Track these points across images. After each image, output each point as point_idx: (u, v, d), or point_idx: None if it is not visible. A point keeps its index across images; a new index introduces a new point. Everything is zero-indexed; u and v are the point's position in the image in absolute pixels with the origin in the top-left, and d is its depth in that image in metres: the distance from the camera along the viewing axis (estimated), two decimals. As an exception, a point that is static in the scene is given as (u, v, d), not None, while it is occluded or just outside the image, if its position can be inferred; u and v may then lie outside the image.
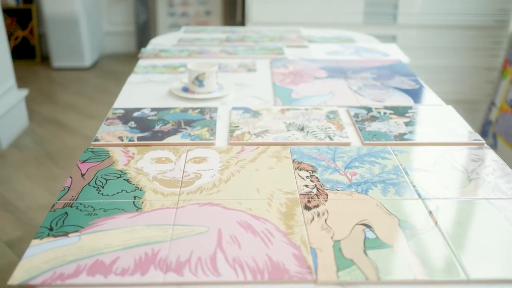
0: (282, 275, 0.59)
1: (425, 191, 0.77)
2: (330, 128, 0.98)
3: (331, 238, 0.66)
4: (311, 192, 0.76)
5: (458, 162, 0.86)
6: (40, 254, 0.62)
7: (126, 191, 0.76)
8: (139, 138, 0.94)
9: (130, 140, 0.93)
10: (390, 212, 0.71)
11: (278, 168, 0.83)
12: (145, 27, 3.71)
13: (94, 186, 0.78)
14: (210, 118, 1.03)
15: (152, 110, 1.07)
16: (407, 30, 2.51)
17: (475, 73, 2.60)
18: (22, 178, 2.11)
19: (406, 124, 1.01)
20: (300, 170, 0.83)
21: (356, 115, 1.04)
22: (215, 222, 0.69)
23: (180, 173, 0.82)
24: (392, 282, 0.59)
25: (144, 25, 3.70)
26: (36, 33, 3.56)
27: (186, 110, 1.07)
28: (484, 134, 2.52)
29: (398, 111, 1.07)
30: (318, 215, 0.70)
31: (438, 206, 0.73)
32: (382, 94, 1.17)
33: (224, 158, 0.87)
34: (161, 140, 0.93)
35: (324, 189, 0.77)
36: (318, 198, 0.75)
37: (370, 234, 0.66)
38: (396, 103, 1.12)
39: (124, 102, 1.13)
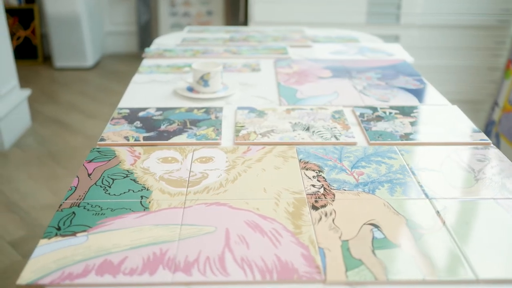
0: (291, 275, 0.59)
1: (432, 191, 0.77)
2: (335, 128, 0.98)
3: (339, 238, 0.66)
4: (318, 192, 0.76)
5: (464, 162, 0.86)
6: (48, 253, 0.62)
7: (133, 191, 0.76)
8: (145, 138, 0.94)
9: (136, 140, 0.93)
10: (397, 212, 0.71)
11: (285, 168, 0.83)
12: (147, 27, 3.71)
13: (101, 186, 0.77)
14: (216, 118, 1.03)
15: (157, 110, 1.07)
16: (410, 30, 2.51)
17: (478, 73, 2.60)
18: (25, 178, 2.11)
19: (412, 124, 1.00)
20: (306, 170, 0.83)
21: (361, 115, 1.04)
22: (223, 222, 0.69)
23: (186, 173, 0.82)
24: (401, 282, 0.58)
25: (146, 25, 3.70)
26: (38, 33, 3.56)
27: (191, 109, 1.07)
28: (487, 134, 2.52)
29: (404, 111, 1.07)
30: (326, 215, 0.70)
31: (445, 206, 0.73)
32: (387, 94, 1.17)
33: (230, 158, 0.86)
34: (167, 140, 0.93)
35: (331, 189, 0.77)
36: (325, 198, 0.75)
37: (378, 234, 0.66)
38: (401, 103, 1.12)
39: (129, 101, 1.13)
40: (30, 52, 3.60)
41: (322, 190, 0.77)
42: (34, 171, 2.17)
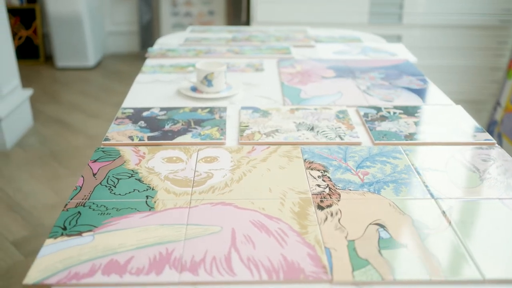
0: (298, 275, 0.59)
1: (437, 191, 0.77)
2: (340, 127, 0.98)
3: (345, 237, 0.66)
4: (324, 191, 0.76)
5: (469, 162, 0.86)
6: (54, 253, 0.62)
7: (138, 191, 0.76)
8: (150, 138, 0.94)
9: (140, 139, 0.93)
10: (403, 212, 0.71)
11: (290, 167, 0.83)
12: (148, 27, 3.71)
13: (106, 186, 0.77)
14: (220, 117, 1.03)
15: (161, 109, 1.07)
16: (412, 30, 2.51)
17: (480, 73, 2.60)
18: (27, 178, 2.11)
19: (416, 124, 1.00)
20: (311, 169, 0.83)
21: (365, 115, 1.04)
22: (229, 222, 0.68)
23: (191, 172, 0.82)
24: (408, 282, 0.58)
25: (147, 25, 3.70)
26: (39, 32, 3.56)
27: (195, 109, 1.07)
28: (489, 134, 2.52)
29: (408, 111, 1.07)
30: (332, 215, 0.70)
31: (451, 206, 0.73)
32: (391, 94, 1.17)
33: (235, 158, 0.86)
34: (171, 139, 0.93)
35: (336, 188, 0.77)
36: (330, 197, 0.75)
37: (384, 234, 0.66)
38: (405, 103, 1.12)
39: (132, 101, 1.13)
40: (32, 52, 3.60)
41: (327, 190, 0.77)
42: (36, 171, 2.17)
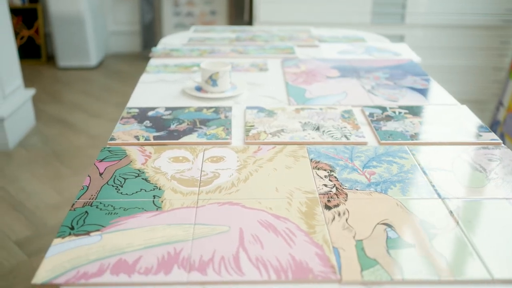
0: (306, 275, 0.59)
1: (444, 191, 0.77)
2: (345, 127, 0.98)
3: (353, 237, 0.65)
4: (331, 191, 0.76)
5: (475, 162, 0.86)
6: (62, 253, 0.62)
7: (145, 190, 0.76)
8: (155, 137, 0.93)
9: (146, 139, 0.93)
10: (410, 211, 0.71)
11: (296, 167, 0.83)
12: (150, 27, 3.71)
13: (113, 185, 0.77)
14: (225, 117, 1.03)
15: (166, 109, 1.07)
16: (415, 30, 2.51)
17: (483, 73, 2.60)
18: (30, 178, 2.11)
19: (422, 123, 1.00)
20: (318, 169, 0.83)
21: (371, 115, 1.04)
22: (236, 222, 0.68)
23: (198, 172, 0.82)
24: (417, 281, 0.58)
25: (149, 24, 3.70)
26: (41, 32, 3.56)
27: (200, 109, 1.07)
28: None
29: (413, 111, 1.06)
30: (339, 215, 0.70)
31: (458, 206, 0.73)
32: (396, 94, 1.17)
33: (241, 158, 0.86)
34: (177, 139, 0.93)
35: (343, 188, 0.77)
36: (337, 197, 0.75)
37: (392, 234, 0.66)
38: (410, 103, 1.12)
39: (137, 101, 1.13)
40: (34, 51, 3.60)
41: (334, 190, 0.77)
42: (39, 171, 2.17)
